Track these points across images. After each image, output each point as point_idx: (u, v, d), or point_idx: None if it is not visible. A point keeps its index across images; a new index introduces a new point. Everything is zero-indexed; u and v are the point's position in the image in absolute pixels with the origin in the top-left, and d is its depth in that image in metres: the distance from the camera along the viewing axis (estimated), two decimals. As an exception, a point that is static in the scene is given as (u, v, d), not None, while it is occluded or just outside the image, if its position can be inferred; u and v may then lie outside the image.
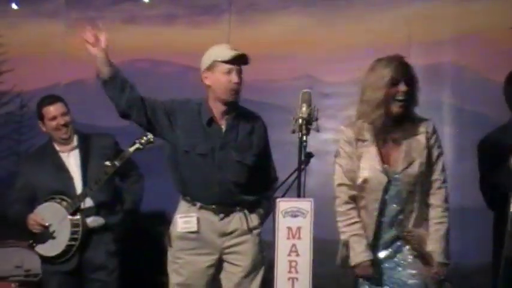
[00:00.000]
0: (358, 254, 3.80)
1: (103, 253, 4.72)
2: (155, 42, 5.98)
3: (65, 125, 4.75)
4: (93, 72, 5.88)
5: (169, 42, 5.94)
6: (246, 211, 4.16)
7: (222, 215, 4.12)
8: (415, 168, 3.77)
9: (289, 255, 3.53)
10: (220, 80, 4.07)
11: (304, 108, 3.61)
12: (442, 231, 3.78)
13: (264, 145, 4.27)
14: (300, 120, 3.59)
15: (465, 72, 5.54)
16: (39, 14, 6.23)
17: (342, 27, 5.73)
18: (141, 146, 4.57)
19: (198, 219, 4.11)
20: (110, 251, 4.74)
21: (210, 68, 4.08)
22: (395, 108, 3.76)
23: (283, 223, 3.55)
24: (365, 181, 3.81)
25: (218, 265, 4.16)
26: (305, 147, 3.61)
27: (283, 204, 3.57)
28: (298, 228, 3.53)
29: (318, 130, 3.72)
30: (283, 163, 4.51)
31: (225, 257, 4.15)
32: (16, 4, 6.31)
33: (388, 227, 3.83)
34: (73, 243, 4.64)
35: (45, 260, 4.77)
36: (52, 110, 4.75)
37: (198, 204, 4.12)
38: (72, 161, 4.78)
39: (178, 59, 5.81)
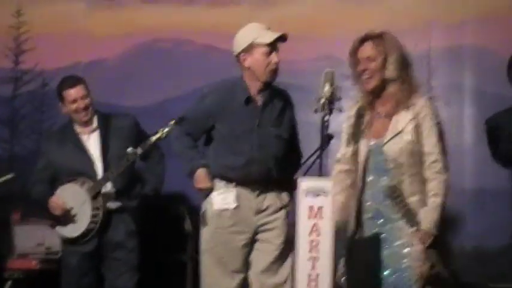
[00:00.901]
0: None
1: (122, 232, 4.72)
2: (177, 22, 5.96)
3: (85, 108, 4.74)
4: (114, 51, 5.89)
5: (190, 22, 5.92)
6: (279, 190, 4.14)
7: (258, 192, 4.11)
8: (399, 140, 3.77)
9: (310, 234, 3.53)
10: (260, 62, 4.05)
11: (327, 88, 3.59)
12: (434, 203, 3.73)
13: (294, 121, 4.29)
14: (323, 100, 3.58)
15: (486, 54, 5.51)
16: (62, -8, 6.23)
17: (363, 8, 5.70)
18: (163, 135, 4.58)
19: (236, 196, 4.10)
20: (128, 230, 4.74)
21: (248, 49, 4.06)
22: (364, 84, 3.83)
23: (304, 202, 3.54)
24: (354, 153, 3.85)
25: (251, 244, 4.14)
26: (327, 127, 3.60)
27: (304, 184, 3.56)
28: (320, 208, 3.51)
29: (340, 110, 3.73)
30: (303, 144, 4.52)
31: (258, 236, 4.14)
32: (38, -17, 6.31)
33: (373, 199, 3.82)
34: (93, 226, 4.66)
35: (65, 240, 4.79)
36: (72, 93, 4.74)
37: (235, 182, 4.12)
38: (92, 142, 4.78)
39: (200, 38, 5.80)
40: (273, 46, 4.06)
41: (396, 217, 3.76)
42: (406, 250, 3.76)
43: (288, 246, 4.10)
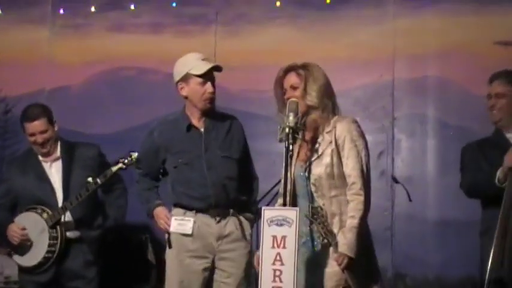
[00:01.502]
0: None
1: (81, 262, 4.68)
2: (142, 51, 5.99)
3: (42, 143, 4.69)
4: (78, 78, 5.84)
5: (155, 51, 5.95)
6: (239, 216, 4.19)
7: (218, 218, 4.14)
8: (319, 163, 3.82)
9: (273, 264, 3.52)
10: (195, 91, 4.16)
11: (291, 118, 3.62)
12: (351, 224, 3.75)
13: (244, 143, 4.34)
14: (287, 129, 3.60)
15: (449, 86, 5.58)
16: (25, 20, 6.21)
17: (328, 40, 5.76)
18: (124, 166, 4.56)
19: (194, 222, 4.13)
20: (87, 260, 4.70)
21: (184, 79, 4.17)
22: None
23: (268, 231, 3.54)
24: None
25: (212, 269, 4.18)
26: (291, 156, 3.62)
27: (268, 213, 3.56)
28: (283, 237, 3.51)
29: (304, 139, 3.75)
30: (269, 173, 4.53)
31: (217, 263, 4.16)
32: (1, 10, 6.29)
33: (305, 223, 3.82)
34: (50, 255, 4.61)
35: (22, 269, 4.73)
36: (31, 127, 4.68)
37: (194, 210, 4.16)
38: (54, 171, 4.74)
39: (164, 67, 5.81)
40: (207, 76, 4.14)
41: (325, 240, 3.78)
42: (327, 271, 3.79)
43: (247, 277, 4.17)
